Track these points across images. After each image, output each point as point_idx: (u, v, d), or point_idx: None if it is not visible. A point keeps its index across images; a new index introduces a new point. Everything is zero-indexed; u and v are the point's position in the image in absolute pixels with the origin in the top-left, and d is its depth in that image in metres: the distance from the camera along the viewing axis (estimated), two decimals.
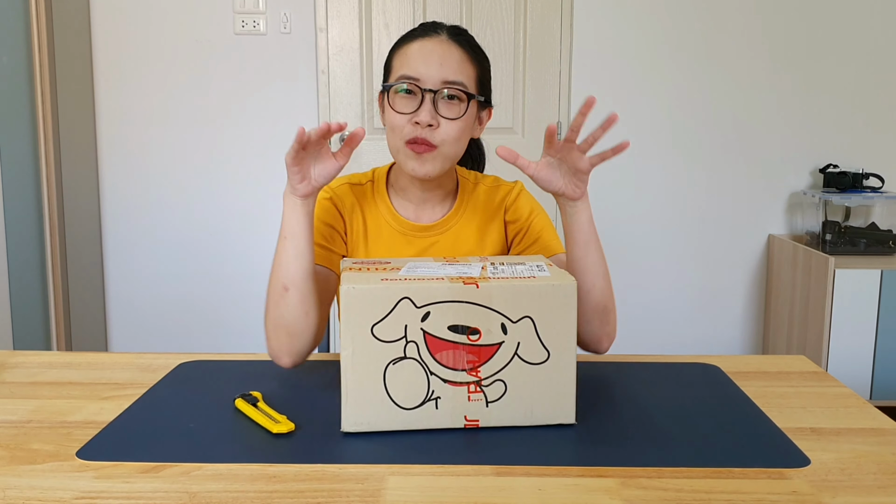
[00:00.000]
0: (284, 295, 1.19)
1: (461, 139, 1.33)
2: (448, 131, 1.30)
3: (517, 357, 1.03)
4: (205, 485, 0.90)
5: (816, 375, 1.31)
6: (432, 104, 1.28)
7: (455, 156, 1.34)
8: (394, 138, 1.32)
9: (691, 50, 3.12)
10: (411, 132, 1.29)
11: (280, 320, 1.20)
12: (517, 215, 1.43)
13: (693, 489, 0.90)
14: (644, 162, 3.19)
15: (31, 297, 2.96)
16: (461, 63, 1.31)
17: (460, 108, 1.30)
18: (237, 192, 3.18)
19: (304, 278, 1.19)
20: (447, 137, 1.30)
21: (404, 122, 1.29)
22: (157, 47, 3.10)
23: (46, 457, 0.97)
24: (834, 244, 2.93)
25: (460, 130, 1.31)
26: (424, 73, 1.29)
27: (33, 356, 1.38)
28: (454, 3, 3.07)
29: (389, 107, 1.31)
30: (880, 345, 2.79)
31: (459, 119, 1.30)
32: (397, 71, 1.32)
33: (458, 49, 1.32)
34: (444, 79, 1.29)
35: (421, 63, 1.29)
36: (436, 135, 1.29)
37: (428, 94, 1.28)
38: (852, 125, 3.17)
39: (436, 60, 1.29)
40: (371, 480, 0.91)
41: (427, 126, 1.28)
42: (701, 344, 3.30)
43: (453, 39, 1.32)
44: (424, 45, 1.31)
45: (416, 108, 1.29)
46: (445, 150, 1.31)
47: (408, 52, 1.32)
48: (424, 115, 1.28)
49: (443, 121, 1.29)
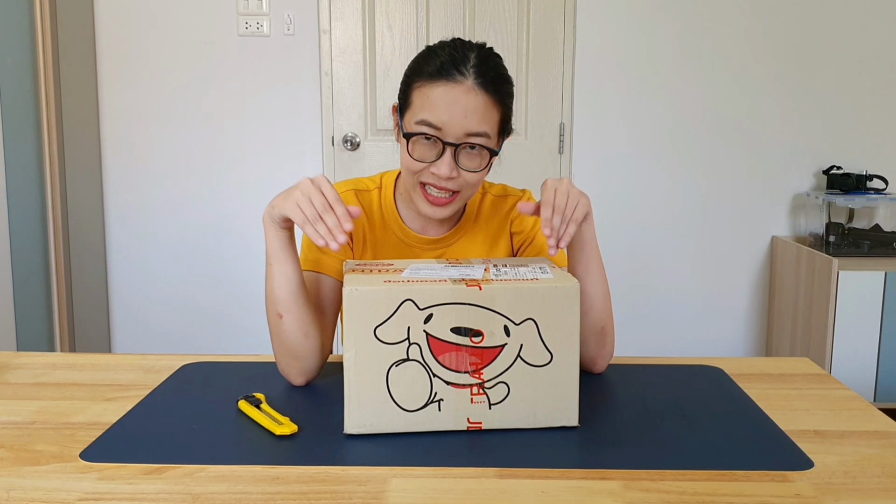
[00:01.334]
0: (280, 322, 1.19)
1: (479, 183, 1.30)
2: (467, 179, 1.27)
3: (520, 359, 1.03)
4: (208, 486, 0.90)
5: (820, 378, 1.31)
6: (452, 157, 1.25)
7: (471, 196, 1.33)
8: (409, 176, 1.29)
9: (694, 52, 3.12)
10: (429, 178, 1.27)
11: (283, 346, 1.20)
12: (522, 226, 1.42)
13: (696, 492, 0.90)
14: (647, 164, 3.18)
15: (34, 299, 2.97)
16: (486, 111, 1.24)
17: (482, 160, 1.27)
18: (241, 194, 3.19)
19: (296, 302, 1.18)
20: (465, 185, 1.27)
21: (421, 168, 1.26)
22: (160, 49, 3.11)
23: (50, 458, 0.97)
24: (837, 246, 2.93)
25: (480, 179, 1.29)
26: (447, 123, 1.22)
27: (37, 357, 1.38)
28: (457, 7, 3.07)
29: (407, 149, 1.26)
30: (884, 347, 2.79)
31: (479, 171, 1.28)
32: (417, 112, 1.25)
33: (483, 96, 1.23)
34: (468, 131, 1.23)
35: (444, 112, 1.22)
36: (455, 183, 1.26)
37: (449, 148, 1.24)
38: (856, 127, 3.16)
39: (459, 111, 1.22)
40: (374, 482, 0.91)
41: (447, 179, 1.26)
42: (704, 345, 3.29)
43: (480, 86, 1.23)
44: (449, 92, 1.22)
45: (436, 158, 1.25)
46: (463, 194, 1.30)
47: (431, 96, 1.23)
48: (444, 169, 1.24)
49: (462, 171, 1.26)
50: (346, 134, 3.13)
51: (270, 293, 1.19)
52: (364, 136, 3.14)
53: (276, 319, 1.19)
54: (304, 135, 3.15)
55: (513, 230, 1.43)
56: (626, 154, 3.18)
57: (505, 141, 1.35)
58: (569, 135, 3.15)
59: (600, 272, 1.26)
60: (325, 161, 3.14)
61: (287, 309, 1.18)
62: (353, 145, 3.13)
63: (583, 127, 3.15)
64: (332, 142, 3.14)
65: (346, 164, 3.15)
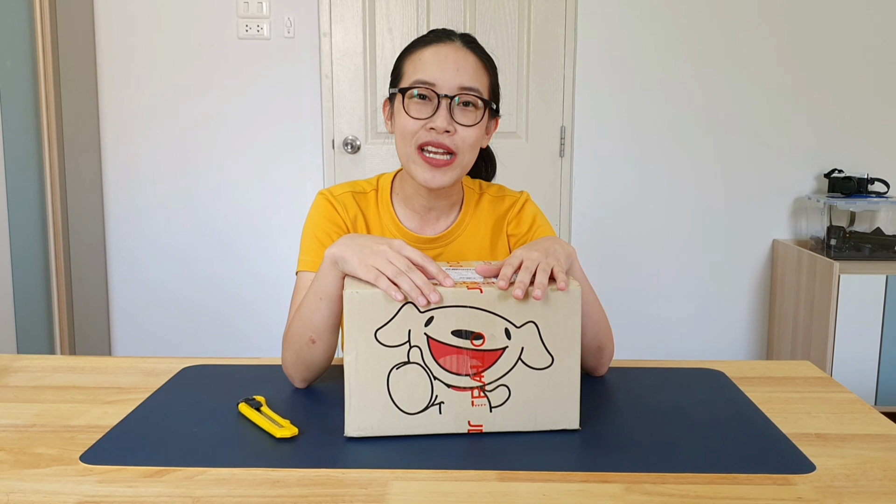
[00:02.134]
0: (311, 346, 1.18)
1: (475, 147, 1.31)
2: (464, 137, 1.28)
3: (521, 362, 1.03)
4: (208, 489, 0.90)
5: (821, 381, 1.31)
6: (448, 110, 1.27)
7: (468, 164, 1.33)
8: (405, 145, 1.30)
9: (695, 54, 3.12)
10: (425, 137, 1.27)
11: (302, 362, 1.20)
12: (519, 228, 1.42)
13: (697, 495, 0.89)
14: (648, 167, 3.18)
15: (35, 302, 2.97)
16: (476, 70, 1.29)
17: (476, 115, 1.29)
18: (241, 197, 3.19)
19: (332, 331, 1.18)
20: (463, 144, 1.28)
21: (418, 128, 1.27)
22: (160, 52, 3.11)
23: (50, 461, 0.97)
24: (839, 249, 2.92)
25: (476, 137, 1.30)
26: (440, 79, 1.26)
27: (37, 360, 1.38)
28: (458, 8, 3.07)
29: (403, 111, 1.28)
30: (885, 350, 2.78)
31: (475, 126, 1.29)
32: (410, 76, 1.29)
33: (473, 56, 1.30)
34: (461, 84, 1.27)
35: (437, 68, 1.27)
36: (453, 140, 1.27)
37: (444, 100, 1.26)
38: (857, 130, 3.16)
39: (452, 66, 1.27)
40: (374, 485, 0.91)
41: (443, 132, 1.26)
42: (705, 348, 3.29)
43: (467, 46, 1.30)
44: (440, 51, 1.28)
45: (431, 113, 1.27)
46: (461, 158, 1.29)
47: (422, 58, 1.29)
48: (441, 121, 1.26)
49: (458, 127, 1.27)
50: (347, 137, 3.13)
51: (309, 321, 1.16)
52: (364, 138, 3.14)
53: (307, 342, 1.18)
54: (305, 138, 3.15)
55: (510, 232, 1.43)
56: (627, 157, 3.18)
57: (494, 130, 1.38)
58: (570, 138, 3.15)
59: (592, 301, 1.23)
60: (326, 164, 3.15)
61: (321, 337, 1.18)
62: (354, 148, 3.13)
63: (584, 130, 3.15)
64: (332, 145, 3.14)
65: (347, 167, 3.15)
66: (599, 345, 1.26)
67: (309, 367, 1.21)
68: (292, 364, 1.21)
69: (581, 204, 3.18)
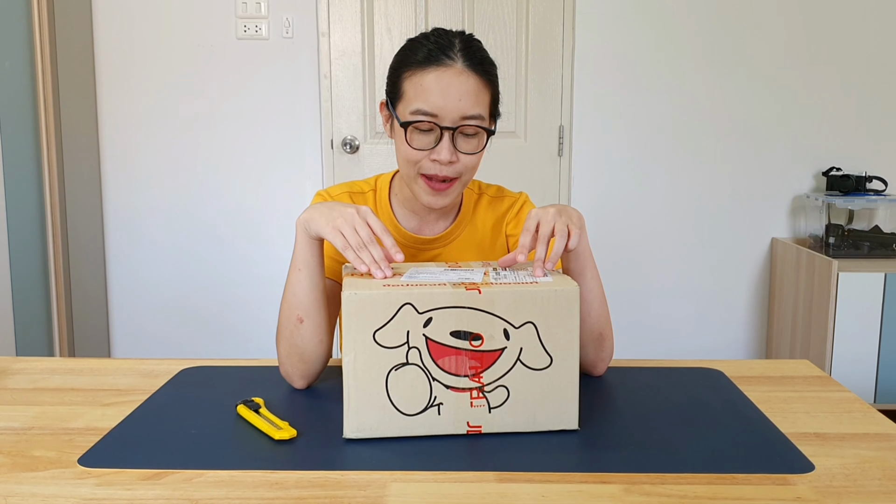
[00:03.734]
0: (299, 326, 1.19)
1: (477, 166, 1.32)
2: (466, 164, 1.28)
3: (520, 363, 1.03)
4: (206, 491, 0.90)
5: (820, 380, 1.31)
6: (451, 141, 1.26)
7: (469, 181, 1.34)
8: (407, 167, 1.30)
9: (693, 53, 3.12)
10: (429, 168, 1.27)
11: (294, 349, 1.20)
12: (518, 229, 1.42)
13: (696, 495, 0.89)
14: (647, 165, 3.18)
15: (33, 304, 2.97)
16: (478, 93, 1.26)
17: (479, 142, 1.28)
18: (240, 198, 3.18)
19: (319, 308, 1.19)
20: (465, 169, 1.28)
21: (421, 157, 1.27)
22: (159, 52, 3.10)
23: (48, 464, 0.97)
24: (837, 247, 2.92)
25: (478, 159, 1.30)
26: (443, 109, 1.24)
27: (35, 362, 1.38)
28: (456, 8, 3.07)
29: (404, 140, 1.27)
30: (884, 348, 2.78)
31: (477, 153, 1.29)
32: (411, 101, 1.26)
33: (474, 78, 1.26)
34: (463, 114, 1.25)
35: (439, 97, 1.24)
36: (455, 168, 1.27)
37: (447, 133, 1.25)
38: (855, 128, 3.16)
39: (454, 95, 1.24)
40: (373, 487, 0.91)
41: (447, 163, 1.26)
42: (704, 347, 3.29)
43: (469, 67, 1.26)
44: (441, 78, 1.24)
45: (434, 144, 1.26)
46: (463, 178, 1.30)
47: (423, 84, 1.25)
48: (444, 154, 1.25)
49: (461, 155, 1.27)
50: (346, 137, 3.13)
51: (293, 298, 1.19)
52: (363, 138, 3.14)
53: (296, 323, 1.19)
54: (304, 138, 3.15)
55: (508, 232, 1.43)
56: (625, 156, 3.18)
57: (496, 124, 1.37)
58: (568, 137, 3.15)
59: (595, 279, 1.26)
60: (325, 164, 3.14)
61: (309, 314, 1.18)
62: (353, 148, 3.13)
63: (582, 129, 3.15)
64: (331, 145, 3.14)
65: (346, 166, 3.15)
66: (601, 332, 1.26)
67: (302, 356, 1.20)
68: (286, 357, 1.21)
69: (579, 203, 3.18)
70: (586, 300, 1.24)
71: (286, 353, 1.21)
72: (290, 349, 1.21)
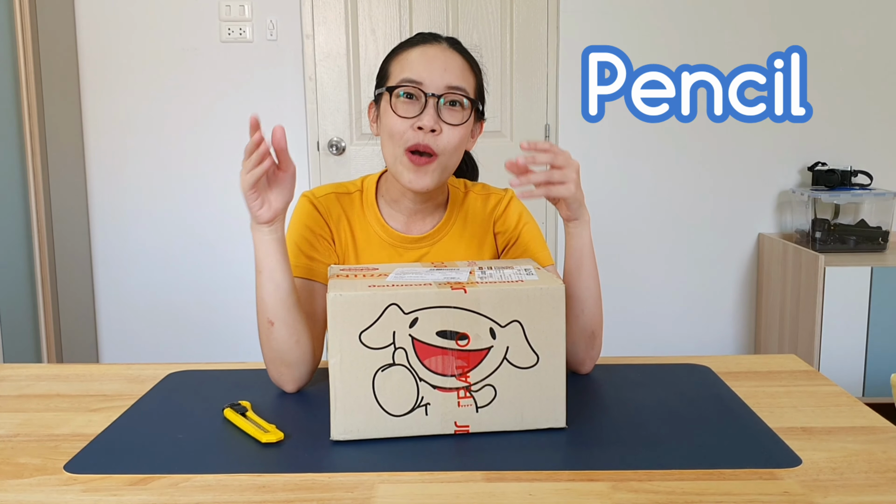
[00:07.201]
0: (272, 329, 1.18)
1: (460, 148, 1.31)
2: (450, 138, 1.28)
3: (506, 361, 1.03)
4: (193, 496, 0.90)
5: (807, 374, 1.31)
6: (435, 109, 1.27)
7: (452, 167, 1.33)
8: (393, 146, 1.29)
9: (678, 51, 3.13)
10: (413, 138, 1.27)
11: (273, 354, 1.20)
12: (505, 226, 1.42)
13: (684, 491, 0.89)
14: (633, 162, 3.19)
15: (20, 309, 2.95)
16: (463, 70, 1.30)
17: (463, 115, 1.29)
18: (225, 201, 3.17)
19: (288, 309, 1.19)
20: (448, 145, 1.28)
21: (405, 128, 1.27)
22: (143, 56, 3.09)
23: (34, 470, 0.97)
24: (824, 242, 2.94)
25: (461, 138, 1.30)
26: (427, 78, 1.27)
27: (21, 369, 1.37)
28: (440, 8, 3.07)
29: (390, 110, 1.28)
30: (871, 341, 2.80)
31: (462, 125, 1.29)
32: (397, 76, 1.29)
33: (459, 57, 1.31)
34: (448, 84, 1.27)
35: (424, 67, 1.28)
36: (438, 141, 1.27)
37: (431, 99, 1.27)
38: (840, 123, 3.18)
39: (439, 65, 1.28)
40: (361, 488, 0.91)
41: (430, 131, 1.26)
42: (692, 344, 3.30)
43: (454, 48, 1.32)
44: (426, 51, 1.30)
45: (418, 112, 1.27)
46: (445, 159, 1.29)
47: (409, 58, 1.30)
48: (428, 120, 1.26)
49: (445, 127, 1.27)
50: (332, 138, 3.12)
51: (261, 301, 1.19)
52: (349, 140, 3.13)
53: (267, 327, 1.18)
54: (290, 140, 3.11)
55: (496, 230, 1.43)
56: (611, 154, 3.18)
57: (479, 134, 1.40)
58: (554, 136, 3.16)
59: (592, 278, 1.27)
60: (311, 166, 3.14)
61: (277, 316, 1.18)
62: (339, 150, 3.13)
63: (568, 128, 3.15)
64: (317, 147, 3.13)
65: (332, 168, 3.14)
66: (594, 330, 1.27)
67: (283, 360, 1.20)
68: (270, 362, 1.21)
69: None
70: (581, 298, 1.25)
71: (269, 359, 1.21)
72: (270, 354, 1.20)
